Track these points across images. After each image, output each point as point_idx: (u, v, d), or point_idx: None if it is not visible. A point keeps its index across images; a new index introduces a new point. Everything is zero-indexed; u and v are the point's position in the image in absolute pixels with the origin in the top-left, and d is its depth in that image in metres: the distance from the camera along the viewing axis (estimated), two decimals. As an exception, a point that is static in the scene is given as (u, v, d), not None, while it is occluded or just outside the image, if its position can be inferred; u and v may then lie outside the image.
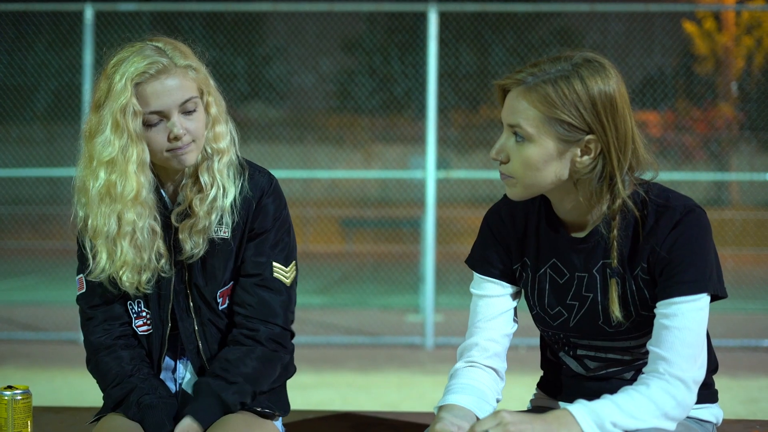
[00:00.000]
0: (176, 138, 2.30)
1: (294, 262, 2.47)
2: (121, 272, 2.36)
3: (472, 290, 2.28)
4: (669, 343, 2.02)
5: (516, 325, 2.27)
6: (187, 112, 2.32)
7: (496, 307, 2.25)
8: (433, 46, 8.69)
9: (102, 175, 2.33)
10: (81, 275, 2.45)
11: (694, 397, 2.02)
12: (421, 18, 9.68)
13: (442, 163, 11.00)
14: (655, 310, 2.08)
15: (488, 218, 2.30)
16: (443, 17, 9.78)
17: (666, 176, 9.21)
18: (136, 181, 2.32)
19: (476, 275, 2.28)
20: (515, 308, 2.28)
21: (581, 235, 2.17)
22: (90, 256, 2.39)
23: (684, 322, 2.02)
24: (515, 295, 2.28)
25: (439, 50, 8.77)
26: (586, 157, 2.07)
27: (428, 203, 8.74)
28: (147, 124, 2.30)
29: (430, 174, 8.73)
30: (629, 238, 2.12)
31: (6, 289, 12.85)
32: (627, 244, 2.12)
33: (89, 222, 2.37)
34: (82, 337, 2.53)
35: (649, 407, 1.97)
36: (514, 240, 2.25)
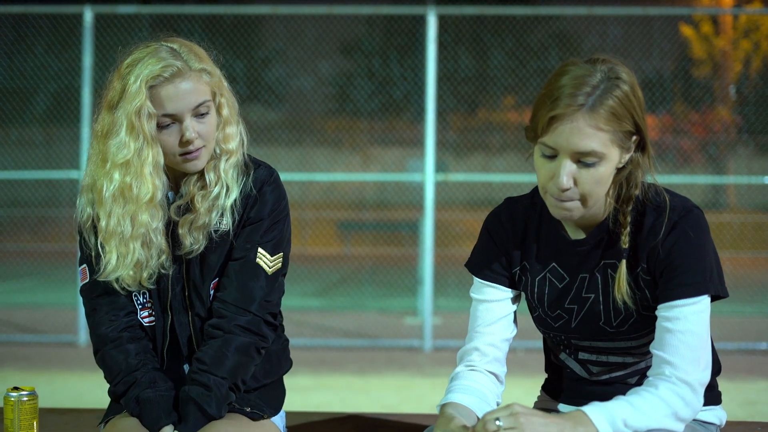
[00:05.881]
0: (188, 142, 2.31)
1: (282, 254, 2.44)
2: (130, 272, 2.36)
3: (472, 294, 2.28)
4: (673, 347, 2.03)
5: (516, 330, 2.27)
6: (199, 116, 2.32)
7: (496, 311, 2.25)
8: (431, 49, 8.70)
9: (117, 177, 2.33)
10: (84, 265, 2.44)
11: (701, 399, 2.04)
12: (420, 21, 9.71)
13: (440, 166, 11.02)
14: (657, 313, 2.09)
15: (488, 223, 2.29)
16: (442, 20, 9.80)
17: (664, 179, 9.18)
18: (152, 184, 2.33)
19: (476, 280, 2.28)
20: (515, 312, 2.28)
21: (581, 236, 2.19)
22: (102, 255, 2.37)
23: (686, 325, 2.04)
24: (515, 300, 2.28)
25: (437, 53, 8.78)
26: (626, 156, 2.08)
27: (427, 206, 8.75)
28: (159, 126, 2.31)
29: (429, 177, 8.74)
30: (630, 235, 2.12)
31: (4, 291, 12.85)
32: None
33: (101, 223, 2.36)
34: (80, 340, 2.54)
35: (659, 406, 1.98)
36: (513, 244, 2.25)
